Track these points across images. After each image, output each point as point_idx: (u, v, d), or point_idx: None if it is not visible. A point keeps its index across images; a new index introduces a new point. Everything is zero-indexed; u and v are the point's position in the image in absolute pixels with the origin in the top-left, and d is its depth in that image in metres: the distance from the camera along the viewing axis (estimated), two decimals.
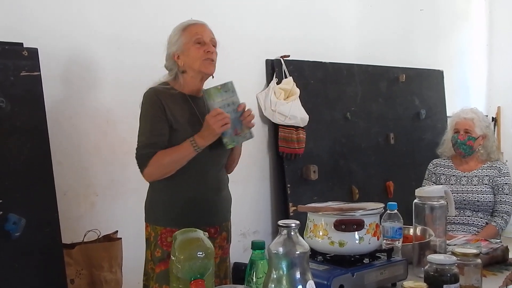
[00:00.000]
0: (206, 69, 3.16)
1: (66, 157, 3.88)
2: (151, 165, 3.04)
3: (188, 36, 3.13)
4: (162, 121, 3.07)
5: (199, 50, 3.11)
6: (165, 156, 3.04)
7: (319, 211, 2.43)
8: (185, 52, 3.13)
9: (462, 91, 7.36)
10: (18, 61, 3.44)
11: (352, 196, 5.59)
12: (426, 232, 2.65)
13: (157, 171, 3.07)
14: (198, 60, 3.12)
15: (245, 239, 4.90)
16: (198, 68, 3.14)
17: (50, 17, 3.81)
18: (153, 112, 3.09)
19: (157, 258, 3.10)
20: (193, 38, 3.12)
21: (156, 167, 3.05)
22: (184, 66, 3.16)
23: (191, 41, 3.12)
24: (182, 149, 3.04)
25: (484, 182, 4.27)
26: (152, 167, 3.05)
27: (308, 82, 5.39)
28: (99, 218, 4.03)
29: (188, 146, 3.02)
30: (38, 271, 3.46)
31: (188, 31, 3.15)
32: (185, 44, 3.13)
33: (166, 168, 3.07)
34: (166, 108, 3.08)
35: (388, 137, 6.03)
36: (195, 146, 3.01)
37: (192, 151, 3.03)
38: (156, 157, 3.03)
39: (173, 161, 3.06)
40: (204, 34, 3.15)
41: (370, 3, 6.14)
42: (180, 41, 3.14)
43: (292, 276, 1.80)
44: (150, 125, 3.09)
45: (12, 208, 3.35)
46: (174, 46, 3.16)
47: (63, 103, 3.89)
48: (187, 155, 3.05)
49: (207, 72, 3.18)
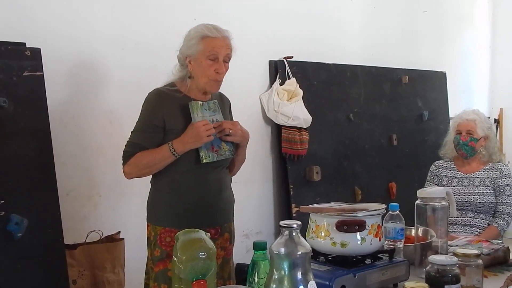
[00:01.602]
0: (210, 88, 3.20)
1: (69, 157, 3.89)
2: (130, 164, 3.13)
3: (204, 48, 3.10)
4: (155, 126, 3.12)
5: (210, 68, 3.11)
6: (143, 158, 3.11)
7: (321, 211, 2.44)
8: (197, 62, 3.13)
9: (465, 93, 7.35)
10: (21, 61, 3.45)
11: (355, 197, 5.58)
12: (427, 233, 2.66)
13: (134, 171, 3.15)
14: (206, 77, 3.13)
15: (248, 240, 4.90)
16: (203, 85, 3.17)
17: (53, 17, 3.82)
18: (149, 116, 3.14)
19: (156, 258, 3.13)
20: (208, 53, 3.10)
21: (134, 166, 3.13)
22: (193, 72, 3.17)
23: (205, 54, 3.10)
24: (160, 152, 3.09)
25: (485, 184, 4.27)
26: (130, 167, 3.14)
27: (311, 83, 5.38)
28: (102, 219, 4.04)
29: (165, 150, 3.07)
30: (40, 271, 3.46)
31: (205, 43, 3.10)
32: (199, 54, 3.11)
33: (143, 169, 3.14)
34: (165, 113, 3.11)
35: (391, 139, 6.02)
36: (172, 151, 3.06)
37: (169, 156, 3.08)
38: (135, 157, 3.11)
39: (150, 163, 3.11)
40: (221, 50, 3.12)
41: (373, 5, 6.14)
42: (195, 49, 3.11)
43: (294, 276, 1.81)
44: (142, 127, 3.16)
45: (15, 209, 3.35)
46: (189, 49, 3.14)
47: (66, 104, 3.89)
48: (164, 159, 3.10)
49: (210, 91, 3.23)
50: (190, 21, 3.27)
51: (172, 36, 3.29)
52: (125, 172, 3.17)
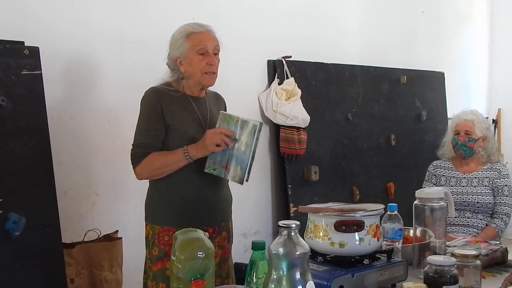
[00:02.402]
0: (206, 82, 3.19)
1: (67, 156, 3.88)
2: (142, 165, 3.10)
3: (192, 44, 3.12)
4: (158, 122, 3.11)
5: (201, 62, 3.12)
6: (157, 159, 3.10)
7: (319, 212, 2.43)
8: (188, 60, 3.14)
9: (463, 93, 7.36)
10: (20, 60, 3.44)
11: (353, 197, 5.59)
12: (426, 233, 2.65)
13: (147, 172, 3.13)
14: (199, 72, 3.14)
15: (246, 239, 4.90)
16: (198, 80, 3.17)
17: (52, 16, 3.81)
18: (150, 112, 3.13)
19: (155, 257, 3.13)
20: (196, 47, 3.11)
21: (147, 168, 3.11)
22: (186, 73, 3.17)
23: (194, 51, 3.11)
24: (174, 155, 3.08)
25: (484, 184, 4.27)
26: (142, 168, 3.11)
27: (310, 83, 5.39)
28: (99, 218, 4.03)
29: (180, 154, 3.07)
30: (38, 270, 3.45)
31: (192, 39, 3.12)
32: (188, 52, 3.12)
33: (156, 170, 3.12)
34: (164, 108, 3.11)
35: (389, 139, 6.03)
36: (186, 155, 3.05)
37: (183, 159, 3.07)
38: (148, 158, 3.09)
39: (163, 165, 3.10)
40: (208, 43, 3.14)
41: (372, 5, 6.14)
42: (183, 48, 3.13)
43: (292, 276, 1.80)
44: (146, 125, 3.13)
45: (13, 207, 3.34)
46: (177, 51, 3.15)
47: (64, 102, 3.89)
48: (178, 162, 3.09)
49: (207, 85, 3.23)
50: (188, 20, 3.26)
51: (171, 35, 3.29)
52: (137, 173, 3.14)
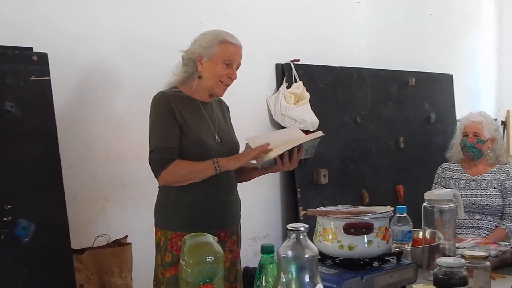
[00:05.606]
0: (218, 90, 3.21)
1: (77, 161, 3.88)
2: (169, 171, 3.05)
3: (223, 51, 3.13)
4: (173, 125, 3.09)
5: (223, 70, 3.13)
6: (183, 166, 3.07)
7: (328, 214, 2.43)
8: (211, 64, 3.14)
9: (471, 95, 7.34)
10: (28, 66, 3.45)
11: (362, 200, 5.58)
12: (435, 235, 2.66)
13: (173, 177, 3.09)
14: (217, 78, 3.15)
15: (255, 243, 4.89)
16: (211, 85, 3.17)
17: (60, 22, 3.82)
18: (164, 116, 3.10)
19: (168, 263, 3.10)
20: (226, 57, 3.13)
21: (174, 173, 3.07)
22: (203, 72, 3.17)
23: (222, 58, 3.12)
24: (203, 166, 3.07)
25: (493, 186, 4.26)
26: (169, 173, 3.06)
27: (318, 86, 5.38)
28: (109, 223, 4.03)
29: (209, 165, 3.05)
30: (48, 276, 3.45)
31: (225, 47, 3.13)
32: (215, 56, 3.13)
33: (183, 177, 3.09)
34: (176, 111, 3.09)
35: (398, 141, 6.02)
36: (216, 164, 3.04)
37: (210, 167, 3.05)
38: (174, 164, 3.05)
39: (190, 174, 3.08)
40: (237, 58, 3.17)
41: (379, 8, 6.13)
42: (212, 50, 3.13)
43: (301, 279, 1.80)
44: (162, 129, 3.10)
45: (22, 213, 3.34)
46: (203, 49, 3.14)
47: (73, 107, 3.89)
48: (204, 170, 3.07)
49: (217, 93, 3.24)
50: (197, 24, 3.27)
51: (180, 39, 3.29)
52: (161, 178, 3.08)
